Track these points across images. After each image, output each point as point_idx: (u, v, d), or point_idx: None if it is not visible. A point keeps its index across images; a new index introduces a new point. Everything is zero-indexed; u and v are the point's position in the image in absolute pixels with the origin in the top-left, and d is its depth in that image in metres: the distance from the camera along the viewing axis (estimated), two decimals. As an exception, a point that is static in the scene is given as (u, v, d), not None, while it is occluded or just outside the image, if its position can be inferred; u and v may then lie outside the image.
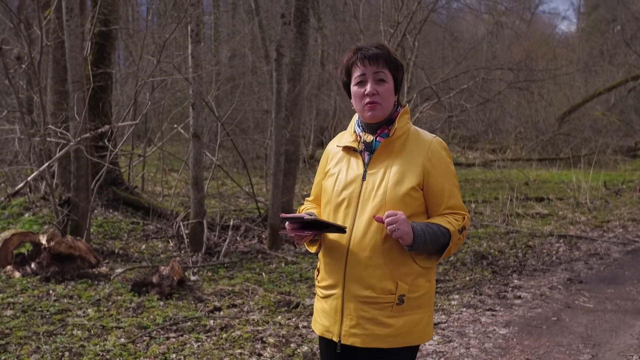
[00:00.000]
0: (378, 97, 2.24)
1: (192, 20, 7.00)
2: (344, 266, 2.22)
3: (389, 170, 2.23)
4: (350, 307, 2.21)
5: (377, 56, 2.25)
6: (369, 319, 2.18)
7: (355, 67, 2.28)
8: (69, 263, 6.32)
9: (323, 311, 2.32)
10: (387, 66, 2.26)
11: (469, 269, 6.94)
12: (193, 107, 7.16)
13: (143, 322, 4.96)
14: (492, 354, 4.40)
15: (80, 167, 7.17)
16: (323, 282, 2.32)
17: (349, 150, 2.35)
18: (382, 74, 2.25)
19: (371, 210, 2.19)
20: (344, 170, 2.31)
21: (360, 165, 2.29)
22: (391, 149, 2.27)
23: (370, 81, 2.24)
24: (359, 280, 2.19)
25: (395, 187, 2.19)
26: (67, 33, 7.07)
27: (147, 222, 8.63)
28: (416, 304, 2.23)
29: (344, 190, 2.27)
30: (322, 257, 2.34)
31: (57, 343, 4.49)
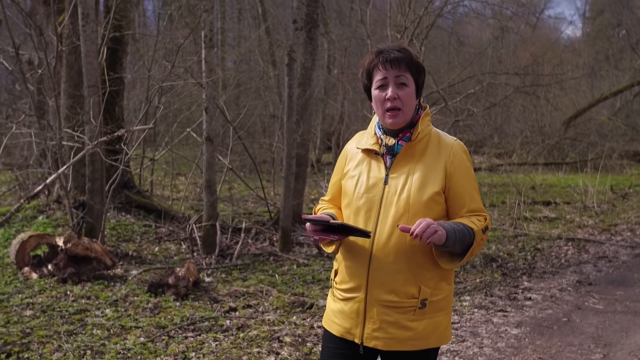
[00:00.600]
0: (399, 102, 2.21)
1: (205, 26, 7.11)
2: (366, 270, 2.21)
3: (412, 175, 2.22)
4: (373, 310, 2.21)
5: (399, 60, 2.22)
6: (392, 323, 2.19)
7: (376, 71, 2.26)
8: (85, 265, 6.43)
9: (342, 313, 2.30)
10: (409, 70, 2.23)
11: (478, 271, 7.02)
12: (206, 111, 7.27)
13: (161, 321, 5.05)
14: (505, 353, 4.48)
15: (95, 170, 7.29)
16: (343, 284, 2.30)
17: (369, 152, 2.33)
18: (403, 78, 2.22)
19: (394, 214, 2.18)
20: (365, 173, 2.30)
21: (382, 168, 2.27)
22: (413, 153, 2.26)
23: (392, 85, 2.22)
24: (383, 284, 2.19)
25: (418, 192, 2.18)
26: (83, 38, 7.19)
27: (159, 225, 8.73)
28: (437, 307, 2.23)
29: (365, 193, 2.25)
30: (342, 260, 2.33)
31: (78, 342, 4.59)
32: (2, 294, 5.78)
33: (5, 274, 6.50)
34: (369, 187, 2.26)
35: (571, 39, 36.02)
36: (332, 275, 2.41)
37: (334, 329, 2.34)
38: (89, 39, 7.17)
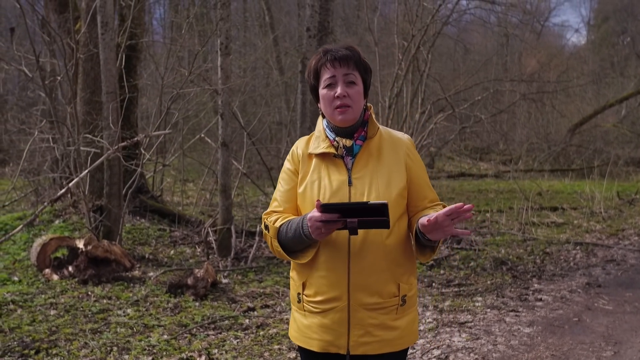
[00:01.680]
0: (349, 100, 2.18)
1: (221, 34, 7.28)
2: (346, 276, 2.13)
3: (376, 173, 2.19)
4: (357, 316, 2.15)
5: (347, 58, 2.19)
6: (378, 325, 2.15)
7: (324, 69, 2.21)
8: (104, 266, 6.59)
9: (322, 326, 2.20)
10: (357, 69, 2.21)
11: (489, 273, 7.15)
12: (222, 117, 7.43)
13: (182, 320, 5.20)
14: (518, 350, 4.61)
15: (113, 174, 7.45)
16: (319, 296, 2.19)
17: (324, 156, 2.25)
18: (352, 76, 2.19)
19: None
20: (326, 177, 2.22)
21: (343, 170, 2.21)
22: (370, 151, 2.23)
23: (341, 83, 2.18)
24: (365, 288, 2.13)
25: (386, 190, 2.16)
26: (102, 46, 7.37)
27: (174, 229, 8.89)
28: (412, 302, 2.24)
29: (331, 197, 2.17)
30: (313, 271, 2.19)
31: (103, 339, 4.74)
32: (26, 294, 5.93)
33: (26, 276, 6.66)
34: (333, 191, 2.18)
35: (576, 47, 36.18)
36: (300, 289, 2.25)
37: (314, 345, 2.23)
38: (107, 46, 7.35)
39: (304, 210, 2.22)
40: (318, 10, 8.07)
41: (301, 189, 2.25)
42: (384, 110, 12.43)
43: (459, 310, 5.62)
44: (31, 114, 13.99)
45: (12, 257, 7.42)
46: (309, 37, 8.01)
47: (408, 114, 13.18)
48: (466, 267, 7.45)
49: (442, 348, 4.61)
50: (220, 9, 7.12)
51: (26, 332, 4.88)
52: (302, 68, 7.69)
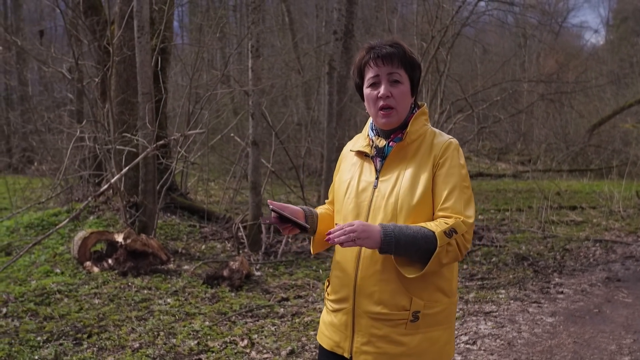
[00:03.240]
0: (392, 100, 2.08)
1: (252, 37, 7.58)
2: (354, 280, 2.08)
3: (401, 177, 2.08)
4: (361, 323, 2.08)
5: (392, 55, 2.07)
6: (381, 337, 2.04)
7: (368, 68, 2.12)
8: (142, 259, 6.91)
9: (332, 325, 2.19)
10: (403, 66, 2.09)
11: (511, 268, 7.38)
12: (252, 117, 7.73)
13: (221, 309, 5.50)
14: (542, 337, 4.86)
15: (148, 172, 7.78)
16: (333, 295, 2.20)
17: (361, 155, 2.22)
18: (396, 75, 2.08)
19: (382, 219, 2.05)
20: (356, 177, 2.18)
21: (373, 171, 2.15)
22: (405, 154, 2.12)
23: (384, 82, 2.08)
24: (370, 295, 2.05)
25: (407, 196, 2.03)
26: (138, 49, 7.70)
27: (203, 225, 9.21)
28: (433, 321, 2.06)
29: (355, 198, 2.14)
30: (332, 269, 2.24)
31: (149, 325, 5.04)
32: (70, 284, 6.26)
33: (68, 268, 7.00)
34: (359, 192, 2.14)
35: (595, 47, 36.12)
36: (325, 286, 2.29)
37: (325, 342, 2.23)
38: (143, 49, 7.68)
39: (335, 207, 2.25)
40: (345, 13, 8.34)
41: (336, 186, 2.27)
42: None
43: (484, 301, 5.88)
44: (60, 114, 14.42)
45: (52, 251, 7.76)
46: (336, 39, 8.28)
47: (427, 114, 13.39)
48: (488, 262, 7.68)
49: (470, 334, 4.88)
50: (252, 13, 7.41)
51: (76, 318, 5.20)
52: (329, 70, 7.95)
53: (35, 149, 15.29)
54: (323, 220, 2.33)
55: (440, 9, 13.27)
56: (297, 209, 2.22)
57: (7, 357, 4.35)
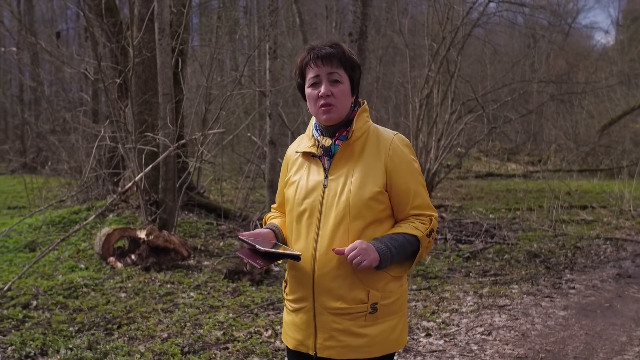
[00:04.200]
0: (333, 99, 2.13)
1: (270, 39, 7.78)
2: (311, 278, 2.12)
3: (351, 175, 2.13)
4: (322, 319, 2.13)
5: (331, 55, 2.14)
6: (343, 331, 2.11)
7: (308, 68, 2.17)
8: (164, 255, 7.13)
9: (294, 325, 2.23)
10: (342, 66, 2.15)
11: (523, 265, 7.54)
12: (270, 117, 7.94)
13: (243, 302, 5.70)
14: (555, 330, 5.03)
15: (168, 170, 7.99)
16: (291, 295, 2.23)
17: (308, 156, 2.24)
18: (336, 75, 2.14)
19: (334, 218, 2.10)
20: (305, 178, 2.21)
21: (321, 171, 2.18)
22: (351, 152, 2.16)
23: (325, 82, 2.13)
24: (329, 291, 2.10)
25: (358, 192, 2.09)
26: (159, 51, 7.91)
27: (220, 223, 9.42)
28: (390, 311, 2.15)
29: (305, 198, 2.17)
30: (289, 269, 2.25)
31: (175, 317, 5.25)
32: (96, 279, 6.48)
33: (92, 263, 7.22)
34: (308, 191, 2.18)
35: (605, 47, 36.12)
36: (284, 286, 2.33)
37: (289, 342, 2.28)
38: (164, 51, 7.90)
39: (286, 208, 2.28)
40: (360, 16, 8.53)
41: (285, 188, 2.30)
42: (414, 110, 12.85)
43: (497, 296, 6.05)
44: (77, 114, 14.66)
45: (75, 247, 7.99)
46: (351, 41, 8.47)
47: (438, 115, 13.55)
48: (500, 259, 7.84)
49: (485, 326, 5.05)
50: (269, 15, 7.60)
51: (104, 310, 5.41)
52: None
53: (52, 148, 15.54)
54: (283, 228, 2.33)
55: (450, 10, 13.45)
56: (266, 232, 2.25)
57: (42, 346, 4.56)
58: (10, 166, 24.92)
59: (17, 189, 17.75)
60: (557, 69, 22.35)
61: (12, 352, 4.46)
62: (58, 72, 19.23)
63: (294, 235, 2.19)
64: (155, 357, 4.32)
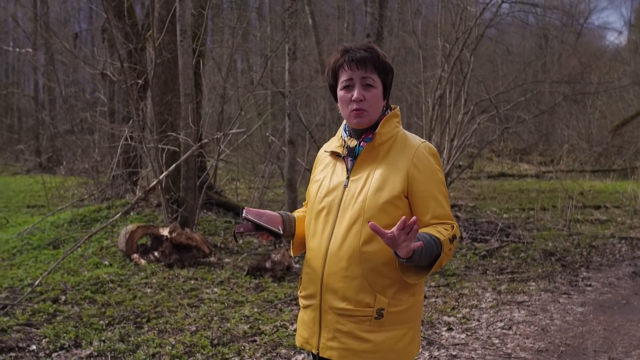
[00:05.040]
0: (365, 104, 2.12)
1: (289, 40, 7.91)
2: (321, 276, 2.13)
3: (371, 177, 2.12)
4: (327, 318, 2.13)
5: (365, 60, 2.12)
6: (346, 333, 2.09)
7: (342, 71, 2.16)
8: (186, 252, 7.28)
9: (303, 322, 2.24)
10: (376, 70, 2.14)
11: (539, 263, 7.64)
12: (289, 117, 8.07)
13: (267, 297, 5.84)
14: (573, 325, 5.14)
15: (189, 169, 8.14)
16: (303, 291, 2.24)
17: (334, 155, 2.27)
18: (370, 79, 2.13)
19: (349, 218, 2.10)
20: (329, 177, 2.24)
21: (344, 171, 2.20)
22: (375, 155, 2.16)
23: (358, 86, 2.13)
24: (335, 291, 2.10)
25: (375, 194, 2.08)
26: (180, 52, 8.07)
27: (238, 221, 9.56)
28: (398, 319, 2.10)
29: (325, 197, 2.19)
30: (303, 266, 2.28)
31: (202, 311, 5.39)
32: (122, 275, 6.64)
33: (115, 260, 7.38)
34: (329, 190, 2.20)
35: (617, 47, 36.02)
36: (299, 283, 2.35)
37: (297, 340, 2.29)
38: (185, 52, 8.05)
39: (308, 206, 2.31)
40: (377, 17, 8.65)
41: (310, 185, 2.33)
42: (427, 110, 12.95)
43: (516, 292, 6.16)
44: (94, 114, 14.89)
45: (97, 244, 8.16)
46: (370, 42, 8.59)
47: (451, 115, 13.65)
48: (517, 257, 7.94)
49: (505, 321, 5.17)
50: (289, 17, 7.74)
51: (132, 305, 5.56)
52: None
53: (70, 147, 15.78)
54: (301, 223, 2.35)
55: (465, 12, 13.54)
56: (274, 215, 2.25)
57: (75, 338, 4.71)
58: (26, 165, 25.24)
59: (34, 188, 18.01)
60: (570, 69, 22.37)
61: (46, 344, 4.61)
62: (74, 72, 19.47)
63: (310, 231, 2.21)
64: (186, 349, 4.47)
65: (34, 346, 4.57)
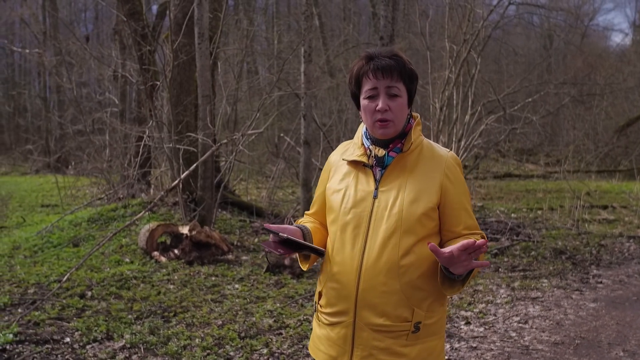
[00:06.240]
0: (390, 114, 2.04)
1: (305, 43, 8.09)
2: (355, 292, 2.02)
3: (404, 188, 2.04)
4: (362, 336, 2.03)
5: (391, 68, 2.02)
6: (383, 349, 2.02)
7: (366, 79, 2.06)
8: (205, 250, 7.46)
9: (328, 339, 2.12)
10: (402, 79, 2.04)
11: (550, 261, 7.80)
12: (304, 118, 8.25)
13: (287, 293, 6.01)
14: (586, 320, 5.31)
15: (207, 169, 8.33)
16: (329, 308, 2.11)
17: (357, 164, 2.15)
18: (395, 89, 2.03)
19: (385, 231, 2.01)
20: (353, 187, 2.12)
21: (371, 181, 2.09)
22: (404, 165, 2.09)
23: (383, 96, 2.04)
24: (373, 307, 2.00)
25: (411, 207, 2.01)
26: (198, 54, 8.25)
27: (253, 220, 9.75)
28: (431, 331, 2.07)
29: (353, 208, 2.07)
30: (326, 281, 2.13)
31: (226, 306, 5.57)
32: (144, 272, 6.83)
33: (136, 257, 7.56)
34: (356, 201, 2.08)
35: (621, 48, 36.13)
36: (316, 298, 2.22)
37: (319, 357, 2.17)
38: (203, 55, 8.23)
39: (328, 217, 2.18)
40: (391, 20, 8.82)
41: (329, 195, 2.19)
42: (435, 111, 13.12)
43: (529, 289, 6.33)
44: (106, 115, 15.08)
45: (117, 242, 8.34)
46: (382, 44, 8.76)
47: (459, 116, 13.81)
48: (527, 255, 8.10)
49: (520, 315, 5.34)
50: (305, 21, 7.91)
51: (157, 300, 5.74)
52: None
53: (82, 148, 15.99)
54: (315, 235, 2.22)
55: (472, 13, 13.71)
56: (294, 229, 2.12)
57: (106, 331, 4.89)
58: (34, 165, 25.48)
59: (45, 187, 18.24)
60: (575, 70, 22.52)
61: (79, 336, 4.79)
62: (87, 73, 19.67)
63: (336, 245, 2.08)
64: (215, 341, 4.65)
65: (67, 338, 4.75)
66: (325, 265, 2.13)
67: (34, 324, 5.05)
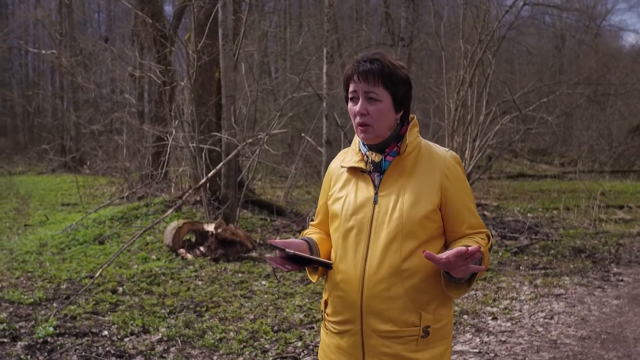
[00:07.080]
0: (369, 118, 2.01)
1: (327, 44, 8.22)
2: (359, 299, 2.00)
3: (403, 192, 2.02)
4: (371, 343, 2.02)
5: (368, 72, 2.00)
6: (393, 355, 2.00)
7: (351, 82, 2.06)
8: (230, 247, 7.61)
9: (339, 348, 2.11)
10: (382, 83, 2.00)
11: (570, 259, 7.89)
12: (326, 118, 8.38)
13: (314, 289, 6.14)
14: (610, 316, 5.41)
15: (230, 168, 8.48)
16: (336, 316, 2.09)
17: (355, 171, 2.13)
18: (373, 93, 2.01)
19: (386, 236, 1.99)
20: (353, 193, 2.10)
21: (371, 187, 2.07)
22: (403, 168, 2.06)
23: (362, 100, 2.02)
24: (379, 313, 1.99)
25: (411, 210, 1.99)
26: (222, 55, 8.41)
27: (274, 219, 9.89)
28: (440, 335, 2.05)
29: (353, 215, 2.06)
30: (331, 289, 2.12)
31: (255, 301, 5.71)
32: (172, 268, 6.98)
33: (162, 255, 7.72)
34: (357, 207, 2.07)
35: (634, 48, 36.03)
36: (322, 307, 2.21)
37: None
38: (227, 56, 8.39)
39: (331, 225, 2.17)
40: (412, 22, 8.94)
41: (330, 204, 2.18)
42: (449, 111, 13.21)
43: (552, 286, 6.43)
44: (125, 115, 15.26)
45: (142, 240, 8.50)
46: (403, 45, 8.89)
47: (473, 116, 13.89)
48: (547, 254, 8.20)
49: (546, 311, 5.45)
50: (327, 22, 8.04)
51: (187, 296, 5.89)
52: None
53: (101, 148, 16.19)
54: (322, 245, 2.20)
55: (487, 14, 13.78)
56: (300, 242, 2.11)
57: (142, 325, 5.04)
58: (50, 165, 25.75)
59: (63, 187, 18.45)
60: (588, 70, 22.51)
61: (116, 330, 4.94)
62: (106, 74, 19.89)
63: (339, 252, 2.07)
64: (249, 334, 4.79)
65: (105, 332, 4.90)
66: (330, 274, 2.12)
67: (71, 318, 5.20)
